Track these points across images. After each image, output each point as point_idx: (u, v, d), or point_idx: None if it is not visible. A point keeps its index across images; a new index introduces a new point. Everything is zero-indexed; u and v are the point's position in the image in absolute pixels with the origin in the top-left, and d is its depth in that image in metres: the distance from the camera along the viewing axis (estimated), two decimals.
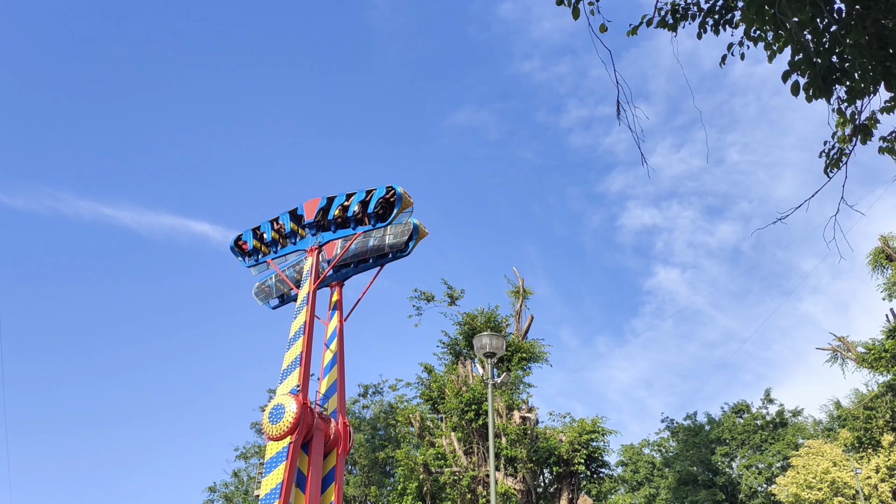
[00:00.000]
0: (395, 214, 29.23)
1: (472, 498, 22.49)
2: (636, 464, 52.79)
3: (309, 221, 32.26)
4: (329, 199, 31.31)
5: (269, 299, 38.11)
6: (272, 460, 32.97)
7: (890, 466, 34.02)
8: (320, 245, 32.71)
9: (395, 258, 35.70)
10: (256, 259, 35.35)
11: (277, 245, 34.36)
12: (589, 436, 22.64)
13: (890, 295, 33.54)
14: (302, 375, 33.97)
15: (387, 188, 28.88)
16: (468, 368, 25.49)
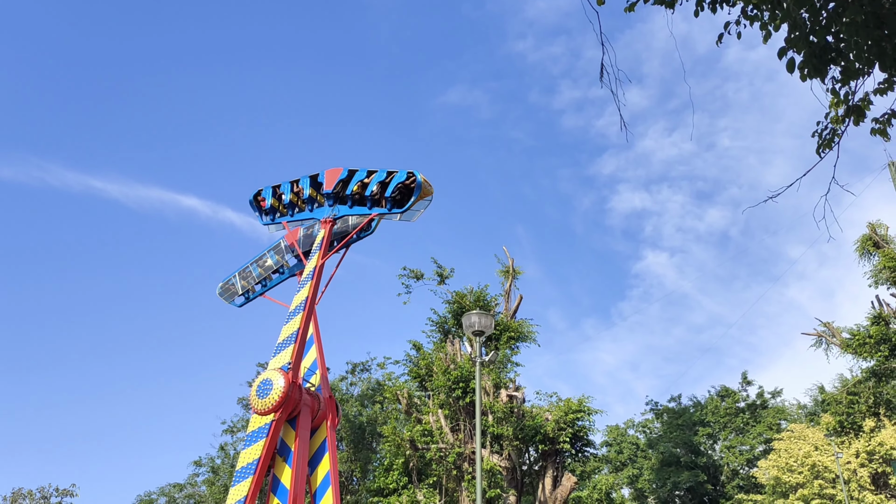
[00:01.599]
0: (412, 202, 28.83)
1: (457, 474, 22.67)
2: (620, 444, 53.31)
3: (327, 192, 32.20)
4: (350, 171, 31.10)
5: (233, 298, 38.39)
6: (254, 434, 33.09)
7: (870, 452, 34.49)
8: (335, 218, 32.67)
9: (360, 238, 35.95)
10: (273, 218, 35.45)
11: (294, 208, 34.39)
12: (575, 415, 22.84)
13: (876, 282, 33.85)
14: (295, 352, 34.13)
15: (407, 174, 28.53)
16: (456, 347, 25.59)
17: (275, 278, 37.89)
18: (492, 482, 21.38)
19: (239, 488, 32.61)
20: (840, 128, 6.82)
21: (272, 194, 34.73)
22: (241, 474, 32.99)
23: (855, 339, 33.28)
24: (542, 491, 22.59)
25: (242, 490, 32.29)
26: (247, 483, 32.18)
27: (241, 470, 33.11)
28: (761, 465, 39.19)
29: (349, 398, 45.78)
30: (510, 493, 23.26)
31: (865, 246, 34.68)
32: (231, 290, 38.06)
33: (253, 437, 33.55)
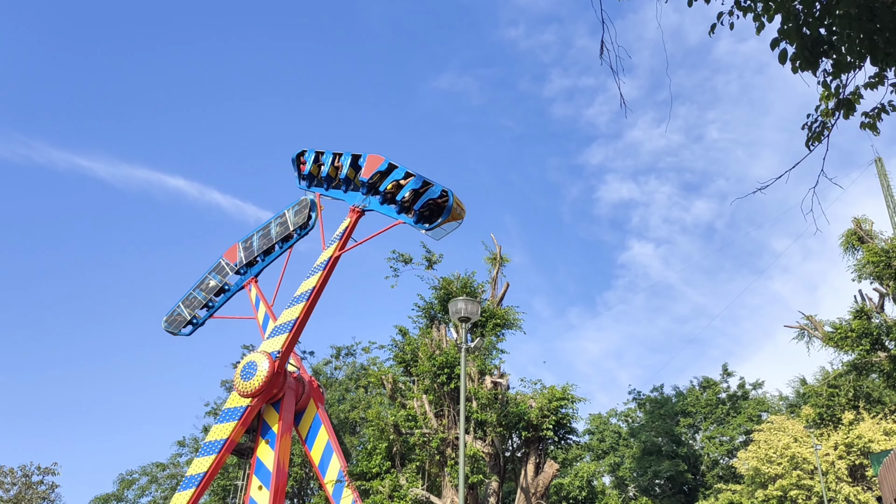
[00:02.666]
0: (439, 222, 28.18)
1: (440, 459, 22.73)
2: (603, 433, 53.72)
3: (363, 179, 31.75)
4: (390, 165, 30.65)
5: (180, 328, 38.35)
6: (228, 412, 33.01)
7: (848, 444, 34.91)
8: (364, 209, 32.18)
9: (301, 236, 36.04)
10: (308, 185, 35.18)
11: (331, 182, 34.02)
12: (558, 402, 22.93)
13: (860, 276, 34.14)
14: (288, 342, 34.09)
15: (442, 191, 28.04)
16: (442, 332, 25.61)
17: (218, 300, 37.96)
18: (475, 468, 21.46)
19: (201, 461, 32.50)
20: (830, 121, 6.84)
21: (314, 160, 34.23)
22: (206, 449, 32.78)
23: (837, 333, 33.59)
24: (525, 477, 22.72)
25: (204, 465, 32.17)
26: (209, 459, 31.93)
27: (207, 444, 32.94)
28: (741, 456, 39.60)
29: (333, 382, 45.87)
30: (493, 479, 23.38)
31: (850, 241, 34.95)
32: (178, 320, 38.12)
33: (227, 415, 33.47)
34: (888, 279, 31.96)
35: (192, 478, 31.44)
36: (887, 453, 24.95)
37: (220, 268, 38.23)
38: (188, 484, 31.38)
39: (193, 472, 31.69)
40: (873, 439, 33.46)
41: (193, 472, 31.69)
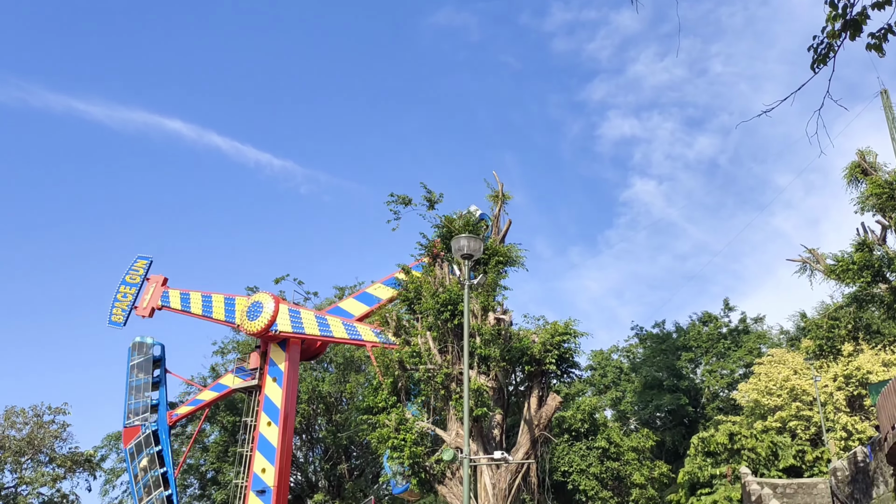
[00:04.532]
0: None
1: (445, 394, 23.12)
2: (604, 368, 54.38)
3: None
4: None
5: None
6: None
7: (847, 375, 35.38)
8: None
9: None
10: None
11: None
12: (561, 337, 23.21)
13: (862, 209, 34.09)
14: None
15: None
16: (445, 271, 25.75)
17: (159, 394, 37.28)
18: (479, 401, 21.84)
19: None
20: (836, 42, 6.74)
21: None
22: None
23: (839, 265, 33.72)
24: (528, 410, 23.15)
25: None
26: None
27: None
28: (741, 389, 40.17)
29: None
30: (496, 412, 23.83)
31: (854, 173, 34.81)
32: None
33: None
34: (891, 211, 31.93)
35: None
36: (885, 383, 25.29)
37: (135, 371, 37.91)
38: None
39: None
40: (872, 370, 33.91)
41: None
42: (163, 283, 38.80)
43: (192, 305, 37.58)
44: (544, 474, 32.16)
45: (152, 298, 38.38)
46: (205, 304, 37.28)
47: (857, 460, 26.35)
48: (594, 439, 35.90)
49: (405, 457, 21.99)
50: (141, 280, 38.76)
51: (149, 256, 39.45)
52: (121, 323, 38.45)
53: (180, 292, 38.28)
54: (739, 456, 33.58)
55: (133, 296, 38.42)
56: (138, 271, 39.07)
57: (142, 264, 39.23)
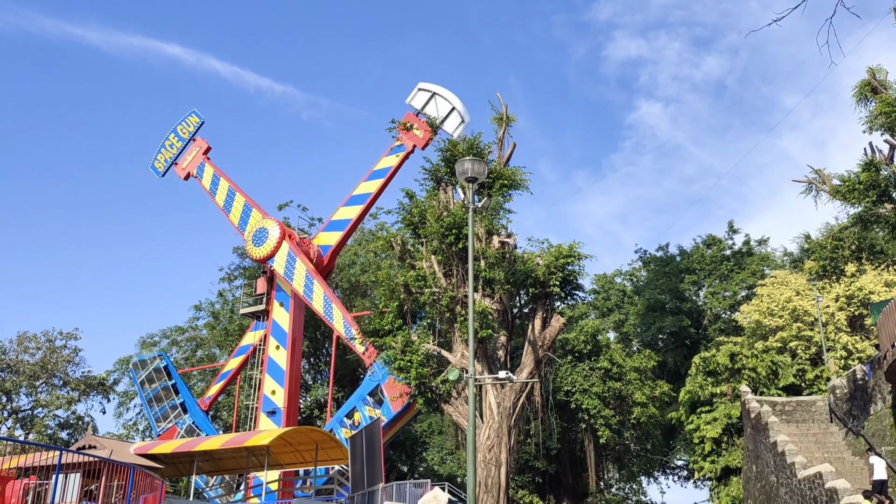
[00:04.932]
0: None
1: (450, 317, 23.41)
2: (608, 291, 54.80)
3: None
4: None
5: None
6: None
7: (849, 296, 35.64)
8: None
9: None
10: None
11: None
12: (565, 260, 23.33)
13: (871, 128, 33.61)
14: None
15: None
16: (449, 194, 25.70)
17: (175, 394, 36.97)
18: (484, 323, 22.12)
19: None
20: None
21: None
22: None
23: (844, 186, 33.50)
24: (532, 331, 23.47)
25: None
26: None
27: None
28: (743, 310, 40.54)
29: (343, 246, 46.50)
30: (501, 334, 24.18)
31: (863, 91, 34.19)
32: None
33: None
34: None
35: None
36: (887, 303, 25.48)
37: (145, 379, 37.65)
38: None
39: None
40: (874, 291, 34.13)
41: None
42: (205, 152, 37.96)
43: (217, 192, 36.98)
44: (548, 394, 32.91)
45: (192, 163, 37.90)
46: (228, 198, 36.58)
47: (856, 378, 26.80)
48: (597, 360, 36.50)
49: (411, 377, 22.42)
50: (189, 137, 37.98)
51: (203, 116, 38.61)
52: (161, 171, 38.29)
53: (214, 172, 37.46)
54: (740, 375, 34.17)
55: (178, 150, 37.89)
56: (189, 127, 38.21)
57: (194, 120, 38.28)
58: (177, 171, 38.19)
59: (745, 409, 30.89)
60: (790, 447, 24.97)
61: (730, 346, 35.70)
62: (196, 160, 37.81)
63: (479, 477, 20.88)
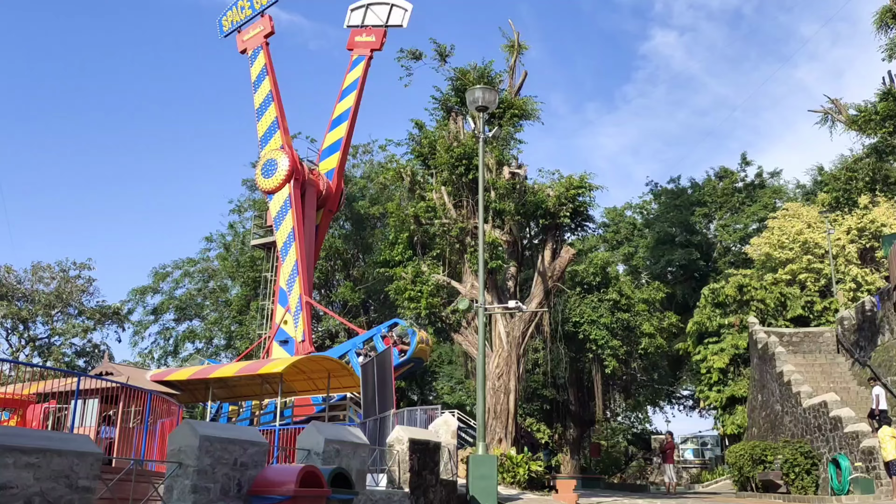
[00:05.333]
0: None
1: (460, 247, 23.49)
2: (618, 224, 54.74)
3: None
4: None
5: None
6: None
7: (861, 228, 35.50)
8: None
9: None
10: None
11: None
12: (576, 191, 23.24)
13: (890, 56, 32.88)
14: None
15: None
16: (459, 124, 25.44)
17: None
18: (493, 254, 22.20)
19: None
20: None
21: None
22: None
23: (861, 116, 33.00)
24: (542, 262, 23.55)
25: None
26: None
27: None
28: (753, 243, 40.51)
29: (352, 178, 46.42)
30: (511, 265, 24.29)
31: (884, 18, 33.33)
32: None
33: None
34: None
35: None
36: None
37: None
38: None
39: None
40: (886, 223, 33.97)
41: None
42: (266, 35, 36.10)
43: (259, 90, 35.49)
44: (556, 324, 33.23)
45: (252, 40, 36.29)
46: (264, 103, 35.25)
47: (864, 309, 26.91)
48: (606, 292, 36.70)
49: (422, 307, 22.66)
50: (261, 9, 36.21)
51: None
52: (224, 31, 37.21)
53: (265, 65, 35.81)
54: (748, 307, 34.36)
55: (247, 18, 36.45)
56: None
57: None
58: (237, 40, 36.53)
59: (753, 340, 31.15)
60: (796, 377, 25.27)
61: (739, 277, 35.82)
62: (256, 40, 35.73)
63: (488, 404, 21.27)
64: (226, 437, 7.38)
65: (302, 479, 7.21)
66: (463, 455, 15.89)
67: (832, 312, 32.63)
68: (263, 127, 35.07)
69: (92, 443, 6.26)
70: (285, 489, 7.11)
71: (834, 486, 19.52)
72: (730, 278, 36.69)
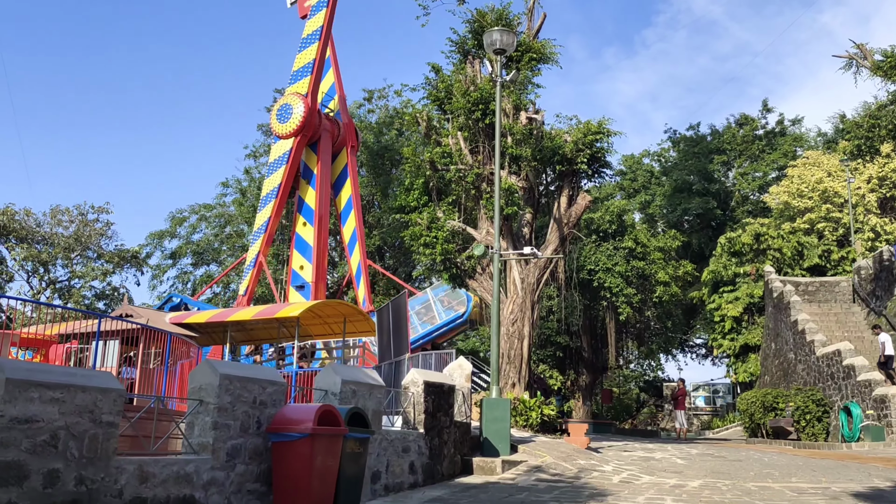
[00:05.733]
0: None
1: (476, 193, 23.37)
2: (635, 172, 54.27)
3: None
4: None
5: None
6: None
7: (882, 177, 35.03)
8: None
9: None
10: None
11: None
12: (593, 136, 22.94)
13: None
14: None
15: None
16: (476, 68, 25.07)
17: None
18: (509, 200, 22.09)
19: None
20: None
21: None
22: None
23: (887, 61, 32.27)
24: (558, 208, 23.42)
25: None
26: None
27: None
28: (772, 191, 40.12)
29: (367, 125, 46.12)
30: (527, 211, 24.18)
31: None
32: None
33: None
34: None
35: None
36: None
37: None
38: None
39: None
40: None
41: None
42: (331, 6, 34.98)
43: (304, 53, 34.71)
44: (571, 271, 33.25)
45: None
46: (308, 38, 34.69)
47: (882, 259, 26.73)
48: (621, 240, 36.60)
49: (437, 253, 22.69)
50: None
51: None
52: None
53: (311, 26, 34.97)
54: (764, 255, 34.21)
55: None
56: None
57: None
58: (299, 6, 36.05)
59: (768, 289, 31.10)
60: (811, 325, 25.28)
61: (756, 225, 35.60)
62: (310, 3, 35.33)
63: (502, 349, 21.45)
64: (245, 375, 7.51)
65: (320, 418, 7.35)
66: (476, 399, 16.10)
67: (849, 262, 32.44)
68: (300, 62, 34.67)
69: (115, 379, 6.40)
70: (303, 427, 7.25)
71: (844, 433, 19.68)
72: (747, 227, 36.46)
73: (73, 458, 5.56)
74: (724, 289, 35.49)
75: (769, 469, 13.19)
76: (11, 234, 42.95)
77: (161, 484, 6.33)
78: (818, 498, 9.20)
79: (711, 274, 36.19)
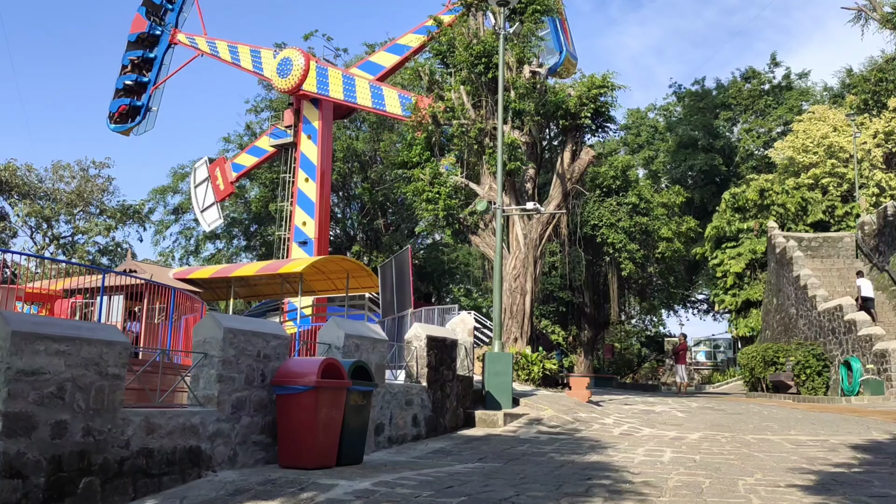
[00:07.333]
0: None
1: (478, 149, 23.20)
2: (639, 128, 53.82)
3: None
4: None
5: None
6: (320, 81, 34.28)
7: (888, 132, 34.71)
8: None
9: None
10: None
11: None
12: (598, 90, 22.68)
13: None
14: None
15: None
16: (479, 20, 24.71)
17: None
18: (512, 156, 21.94)
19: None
20: None
21: None
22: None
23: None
24: (561, 164, 23.29)
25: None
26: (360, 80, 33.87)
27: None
28: (777, 147, 39.82)
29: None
30: (530, 166, 24.05)
31: None
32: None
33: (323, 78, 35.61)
34: None
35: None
36: None
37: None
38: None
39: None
40: None
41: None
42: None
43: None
44: (574, 227, 33.18)
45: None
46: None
47: (886, 214, 26.64)
48: (625, 195, 36.45)
49: (440, 208, 22.62)
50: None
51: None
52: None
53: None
54: (768, 211, 34.11)
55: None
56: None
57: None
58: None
59: (771, 244, 31.08)
60: (813, 281, 25.31)
61: (760, 181, 35.41)
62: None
63: (504, 304, 21.52)
64: (249, 329, 7.55)
65: (323, 371, 7.41)
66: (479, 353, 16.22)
67: (853, 218, 32.34)
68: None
69: (119, 332, 6.44)
70: (307, 380, 7.31)
71: (844, 387, 19.85)
72: (751, 182, 36.27)
73: (80, 409, 5.63)
74: (726, 244, 35.47)
75: (768, 422, 13.35)
76: (14, 190, 42.91)
77: (167, 435, 6.42)
78: (817, 450, 9.32)
79: (715, 230, 36.13)
